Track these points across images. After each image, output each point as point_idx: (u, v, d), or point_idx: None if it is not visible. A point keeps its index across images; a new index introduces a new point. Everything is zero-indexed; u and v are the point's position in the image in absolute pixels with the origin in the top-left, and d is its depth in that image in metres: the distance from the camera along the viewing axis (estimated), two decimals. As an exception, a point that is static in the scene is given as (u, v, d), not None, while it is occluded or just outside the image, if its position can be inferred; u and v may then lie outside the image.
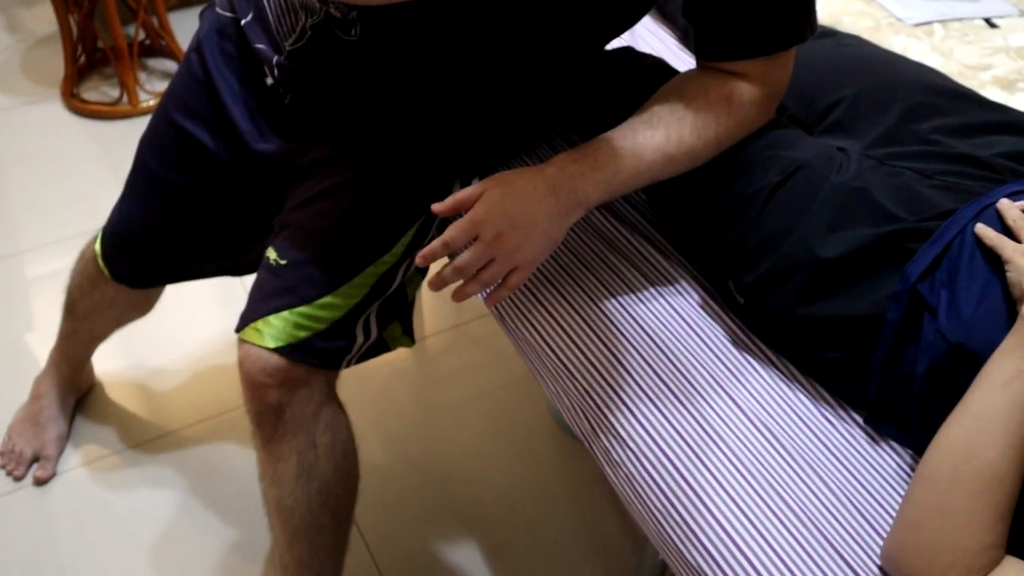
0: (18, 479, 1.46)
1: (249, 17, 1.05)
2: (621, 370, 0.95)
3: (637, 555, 1.38)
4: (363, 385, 1.64)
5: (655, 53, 1.24)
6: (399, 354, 1.71)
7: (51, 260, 1.83)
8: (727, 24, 0.95)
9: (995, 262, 0.85)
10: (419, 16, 0.92)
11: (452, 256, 0.94)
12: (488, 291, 0.95)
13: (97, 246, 1.26)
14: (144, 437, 1.54)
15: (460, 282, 0.92)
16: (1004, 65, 1.53)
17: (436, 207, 0.90)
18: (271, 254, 1.03)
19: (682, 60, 1.36)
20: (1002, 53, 1.56)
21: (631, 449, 0.90)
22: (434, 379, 1.69)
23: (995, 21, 1.66)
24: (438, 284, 0.91)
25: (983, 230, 0.87)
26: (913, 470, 0.91)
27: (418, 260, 0.90)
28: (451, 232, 0.88)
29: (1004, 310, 0.83)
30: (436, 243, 0.88)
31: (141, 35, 2.26)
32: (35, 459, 1.47)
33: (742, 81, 0.98)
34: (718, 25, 0.96)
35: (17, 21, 2.51)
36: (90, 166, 2.07)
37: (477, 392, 1.66)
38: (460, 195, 0.90)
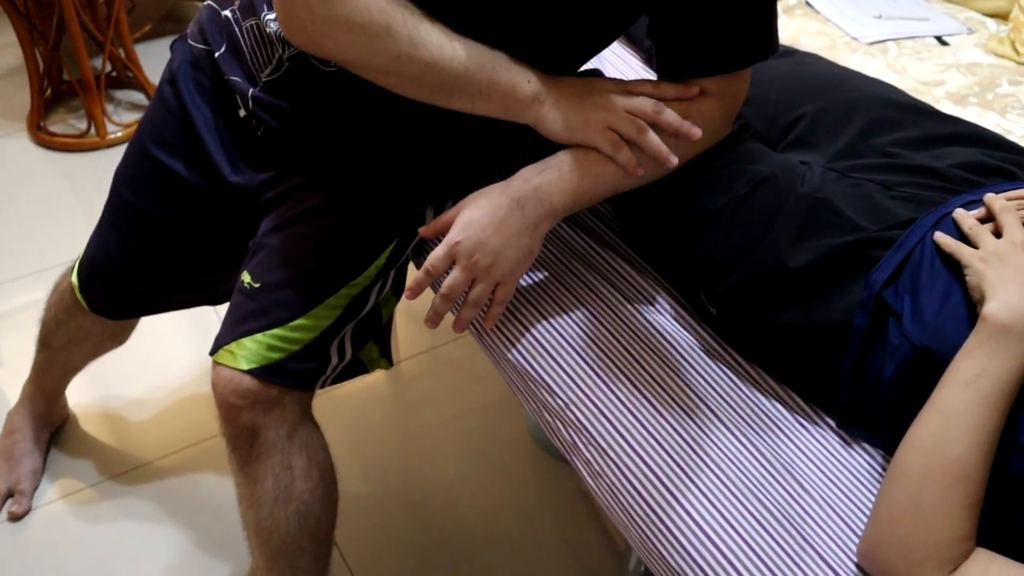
0: (-8, 515, 1.44)
1: (223, 49, 1.06)
2: (600, 383, 0.97)
3: (619, 565, 1.39)
4: (339, 409, 1.64)
5: (621, 75, 1.28)
6: (374, 378, 1.71)
7: (20, 294, 1.81)
8: (689, 43, 0.98)
9: (955, 268, 0.89)
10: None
11: (438, 285, 0.98)
12: (484, 313, 0.99)
13: (74, 277, 1.25)
14: (120, 468, 1.53)
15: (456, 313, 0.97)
16: (956, 80, 1.58)
17: (422, 230, 0.97)
18: (245, 278, 1.04)
19: (647, 81, 1.38)
20: (953, 69, 1.61)
21: (612, 459, 0.92)
22: (410, 402, 1.70)
23: (946, 39, 1.71)
24: (435, 319, 0.96)
25: (942, 238, 0.91)
26: (885, 470, 0.93)
27: (407, 295, 0.95)
28: (431, 261, 0.93)
29: (965, 313, 0.86)
30: (420, 274, 0.94)
31: (108, 67, 2.26)
32: (9, 494, 1.46)
33: (701, 96, 1.01)
34: (680, 44, 0.99)
35: (-19, 56, 2.50)
36: (59, 199, 2.06)
37: (454, 414, 1.67)
38: (439, 219, 0.96)
